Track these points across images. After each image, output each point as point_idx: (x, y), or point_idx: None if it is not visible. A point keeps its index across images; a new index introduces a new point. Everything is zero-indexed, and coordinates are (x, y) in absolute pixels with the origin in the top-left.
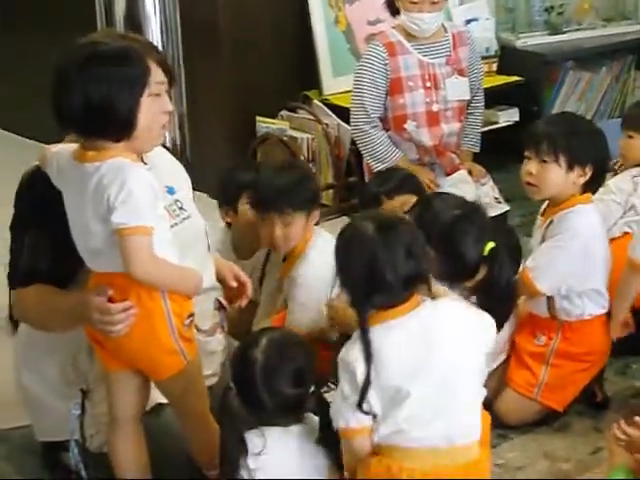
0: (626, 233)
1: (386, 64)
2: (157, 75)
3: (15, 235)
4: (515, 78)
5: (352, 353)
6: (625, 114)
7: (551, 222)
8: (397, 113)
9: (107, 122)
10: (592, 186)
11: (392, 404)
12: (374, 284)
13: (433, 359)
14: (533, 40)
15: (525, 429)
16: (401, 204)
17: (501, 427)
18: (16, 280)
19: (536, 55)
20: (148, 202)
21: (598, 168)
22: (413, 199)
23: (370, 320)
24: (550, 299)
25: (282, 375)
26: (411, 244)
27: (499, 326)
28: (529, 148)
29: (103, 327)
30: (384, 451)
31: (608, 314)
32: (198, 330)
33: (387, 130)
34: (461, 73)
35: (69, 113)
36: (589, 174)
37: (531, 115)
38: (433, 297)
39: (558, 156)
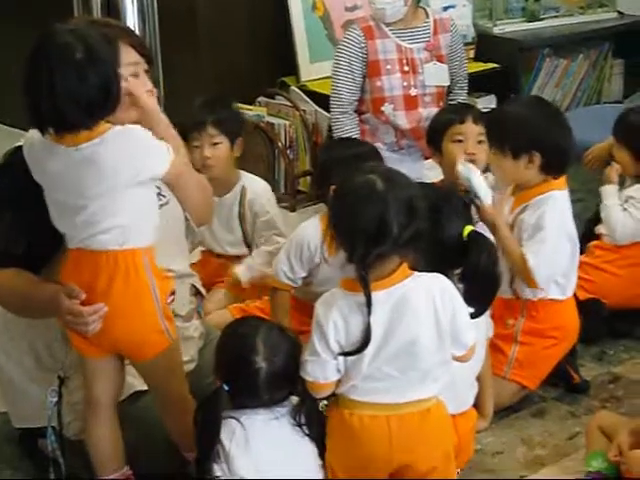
0: None
1: (363, 47)
2: (130, 56)
3: None
4: (492, 65)
5: (330, 316)
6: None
7: (525, 207)
8: (375, 95)
9: (101, 109)
10: (553, 171)
11: (353, 364)
12: (377, 235)
13: (397, 332)
14: (510, 27)
15: (502, 415)
16: None
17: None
18: None
19: (513, 42)
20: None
21: (549, 153)
22: None
23: (354, 287)
24: (513, 279)
25: (286, 377)
26: (416, 200)
27: (484, 309)
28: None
29: (75, 327)
30: (339, 401)
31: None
32: (175, 315)
33: (365, 112)
34: (440, 59)
35: (47, 112)
36: (538, 161)
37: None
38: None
39: (502, 145)
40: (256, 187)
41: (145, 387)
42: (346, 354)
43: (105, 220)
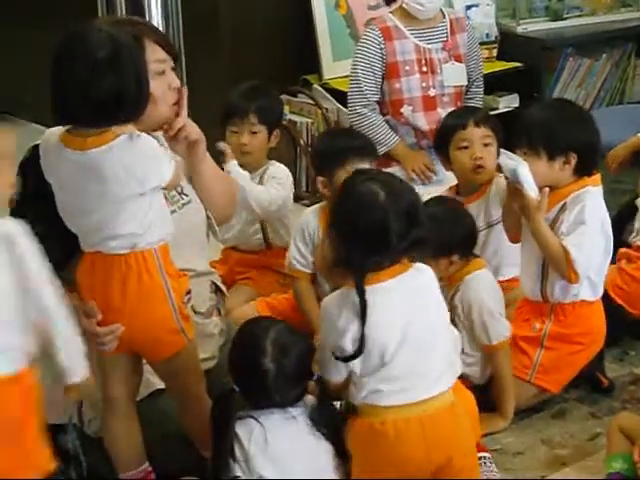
0: None
1: (382, 48)
2: (156, 53)
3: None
4: (515, 64)
5: (343, 314)
6: None
7: (564, 205)
8: (394, 97)
9: (117, 111)
10: (586, 171)
11: (373, 366)
12: (376, 245)
13: (415, 322)
14: (533, 26)
15: (522, 415)
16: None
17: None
18: None
19: (536, 41)
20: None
21: (584, 153)
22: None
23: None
24: (543, 282)
25: (294, 377)
26: (416, 209)
27: None
28: (514, 145)
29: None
30: (363, 411)
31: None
32: (195, 312)
33: (385, 114)
34: (458, 59)
35: (72, 109)
36: (573, 161)
37: (531, 101)
38: None
39: (536, 147)
40: (279, 167)
41: (162, 385)
42: (351, 357)
43: (111, 228)
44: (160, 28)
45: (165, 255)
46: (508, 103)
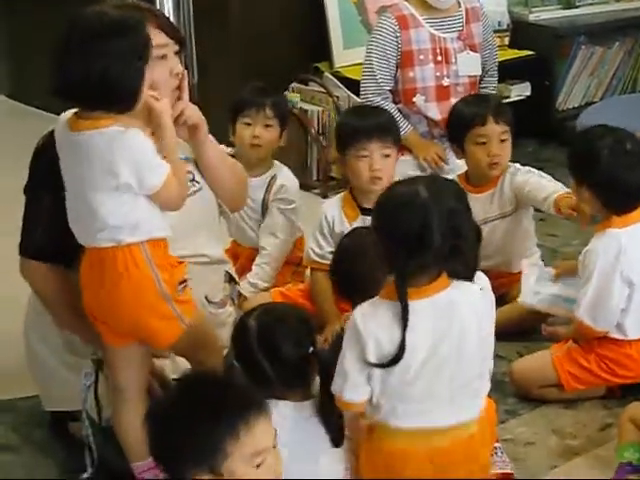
0: None
1: (397, 37)
2: (156, 38)
3: (28, 199)
4: (527, 52)
5: (370, 329)
6: None
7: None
8: (407, 86)
9: (106, 96)
10: (616, 209)
11: (393, 385)
12: (420, 250)
13: (443, 344)
14: (546, 14)
15: (534, 405)
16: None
17: (514, 397)
18: (28, 251)
19: (548, 29)
20: (153, 154)
21: (602, 190)
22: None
23: (395, 295)
24: None
25: (277, 338)
26: (459, 213)
27: None
28: None
29: None
30: (376, 430)
31: None
32: (209, 302)
33: (397, 103)
34: (473, 49)
35: (68, 87)
36: (588, 196)
37: (543, 89)
38: None
39: (573, 174)
40: (288, 175)
41: (175, 374)
42: (382, 365)
43: (96, 220)
44: (170, 13)
45: (155, 249)
46: (520, 91)
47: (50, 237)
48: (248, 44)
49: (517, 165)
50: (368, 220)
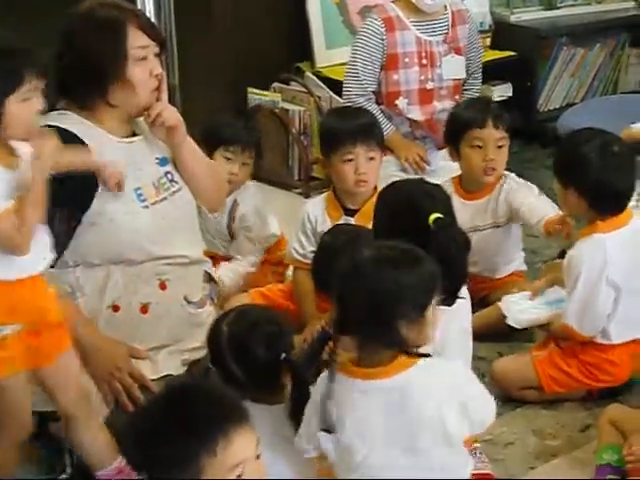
0: None
1: (383, 39)
2: (138, 39)
3: None
4: (509, 53)
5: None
6: None
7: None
8: (390, 89)
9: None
10: (603, 211)
11: (345, 461)
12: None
13: (401, 425)
14: (527, 15)
15: (514, 405)
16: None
17: (494, 398)
18: None
19: (530, 30)
20: None
21: (588, 193)
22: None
23: (349, 371)
24: None
25: (248, 343)
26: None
27: (454, 298)
28: None
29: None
30: None
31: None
32: (188, 302)
33: (380, 104)
34: (458, 52)
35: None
36: (575, 197)
37: (524, 90)
38: None
39: (558, 176)
40: (248, 201)
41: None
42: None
43: None
44: (151, 13)
45: None
46: (501, 92)
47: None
48: (230, 44)
49: (515, 177)
50: (351, 220)
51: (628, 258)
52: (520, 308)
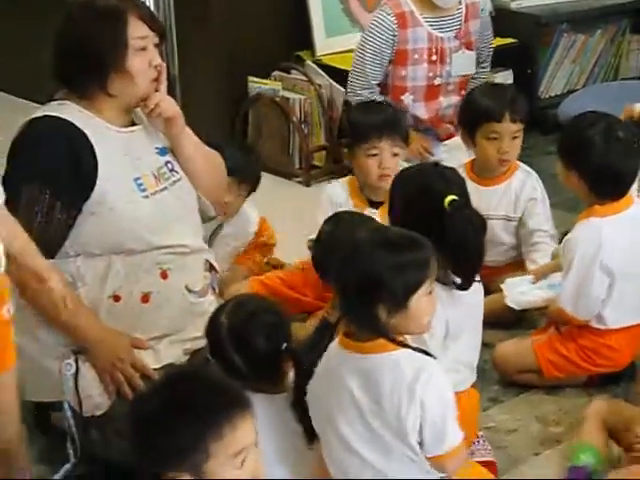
0: None
1: (395, 35)
2: (138, 29)
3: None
4: (509, 40)
5: None
6: None
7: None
8: (397, 83)
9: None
10: (603, 195)
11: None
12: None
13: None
14: (528, 2)
15: (516, 392)
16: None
17: (497, 384)
18: None
19: (531, 17)
20: None
21: (590, 176)
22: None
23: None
24: None
25: (249, 334)
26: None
27: (470, 281)
28: None
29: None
30: None
31: None
32: (190, 291)
33: (385, 95)
34: (469, 47)
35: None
36: (575, 181)
37: (525, 77)
38: None
39: (559, 152)
40: (233, 227)
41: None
42: None
43: None
44: (151, 6)
45: None
46: (502, 79)
47: (30, 230)
48: (229, 33)
49: (542, 191)
50: (375, 213)
51: (624, 244)
52: (521, 290)
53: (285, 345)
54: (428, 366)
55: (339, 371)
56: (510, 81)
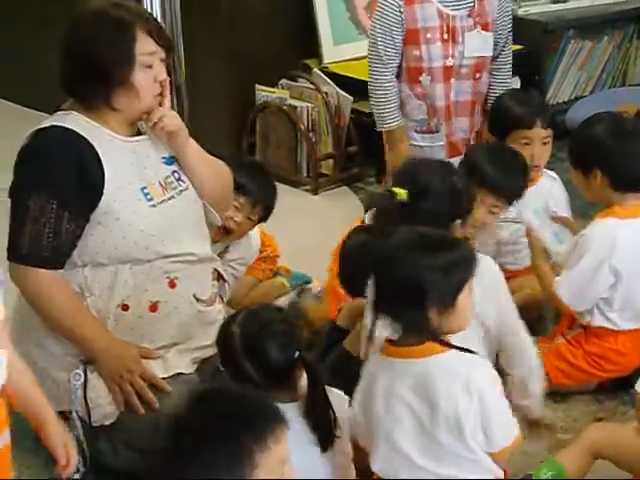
0: None
1: (402, 12)
2: (146, 46)
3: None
4: (516, 47)
5: None
6: None
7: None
8: (412, 64)
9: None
10: (629, 186)
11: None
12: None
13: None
14: (535, 8)
15: None
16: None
17: None
18: (18, 256)
19: (537, 24)
20: None
21: (611, 169)
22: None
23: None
24: None
25: (262, 345)
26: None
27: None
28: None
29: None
30: None
31: None
32: (197, 300)
33: (400, 81)
34: (485, 27)
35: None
36: (599, 180)
37: (532, 84)
38: None
39: (574, 160)
40: (239, 252)
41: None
42: None
43: None
44: (157, 11)
45: None
46: None
47: (39, 240)
48: (237, 41)
49: (566, 196)
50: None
51: (636, 247)
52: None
53: (297, 353)
54: (478, 363)
55: (389, 382)
56: (517, 87)
